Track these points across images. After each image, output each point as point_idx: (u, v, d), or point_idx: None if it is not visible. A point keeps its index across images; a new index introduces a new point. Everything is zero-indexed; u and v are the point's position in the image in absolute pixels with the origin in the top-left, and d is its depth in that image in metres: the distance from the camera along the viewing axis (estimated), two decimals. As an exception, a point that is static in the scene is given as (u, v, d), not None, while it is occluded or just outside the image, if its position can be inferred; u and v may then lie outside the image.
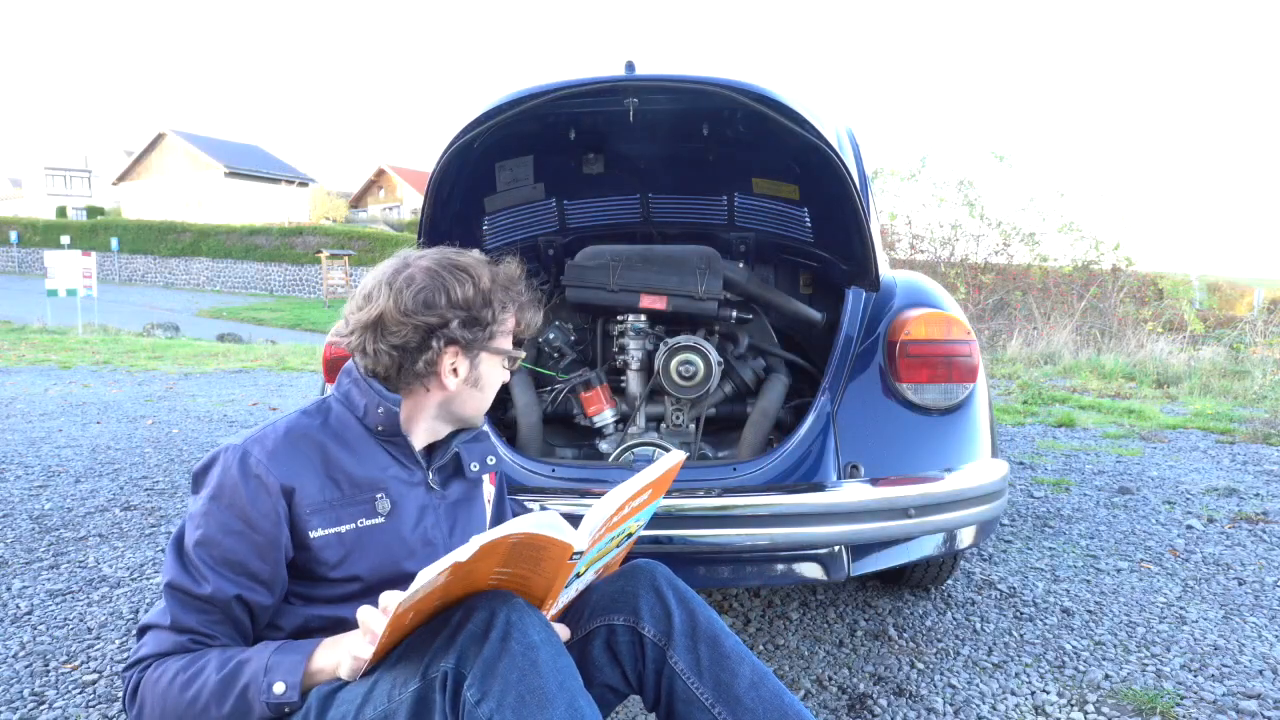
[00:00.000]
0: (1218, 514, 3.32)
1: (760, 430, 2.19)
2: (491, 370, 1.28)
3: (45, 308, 14.54)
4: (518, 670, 0.95)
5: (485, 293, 1.21)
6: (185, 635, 1.08)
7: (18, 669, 2.01)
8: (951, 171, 14.09)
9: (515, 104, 1.98)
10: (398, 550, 1.20)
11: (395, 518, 1.20)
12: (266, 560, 1.10)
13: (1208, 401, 6.15)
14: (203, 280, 32.87)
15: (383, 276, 1.20)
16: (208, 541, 1.09)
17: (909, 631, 2.21)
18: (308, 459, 1.16)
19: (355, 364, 1.24)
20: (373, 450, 1.21)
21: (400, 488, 1.23)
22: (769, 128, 2.07)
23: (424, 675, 0.97)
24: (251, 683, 1.02)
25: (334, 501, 1.16)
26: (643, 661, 1.21)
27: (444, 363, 1.22)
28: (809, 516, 1.73)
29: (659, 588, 1.23)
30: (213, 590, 1.07)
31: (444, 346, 1.20)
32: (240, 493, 1.10)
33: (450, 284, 1.19)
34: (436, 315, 1.18)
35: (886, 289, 2.18)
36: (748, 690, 1.16)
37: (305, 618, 1.16)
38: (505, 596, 1.03)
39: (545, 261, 2.81)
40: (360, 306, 1.20)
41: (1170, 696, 1.86)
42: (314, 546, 1.13)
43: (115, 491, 3.66)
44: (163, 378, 7.86)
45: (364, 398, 1.21)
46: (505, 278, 1.26)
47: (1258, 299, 14.25)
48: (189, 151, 43.78)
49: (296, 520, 1.13)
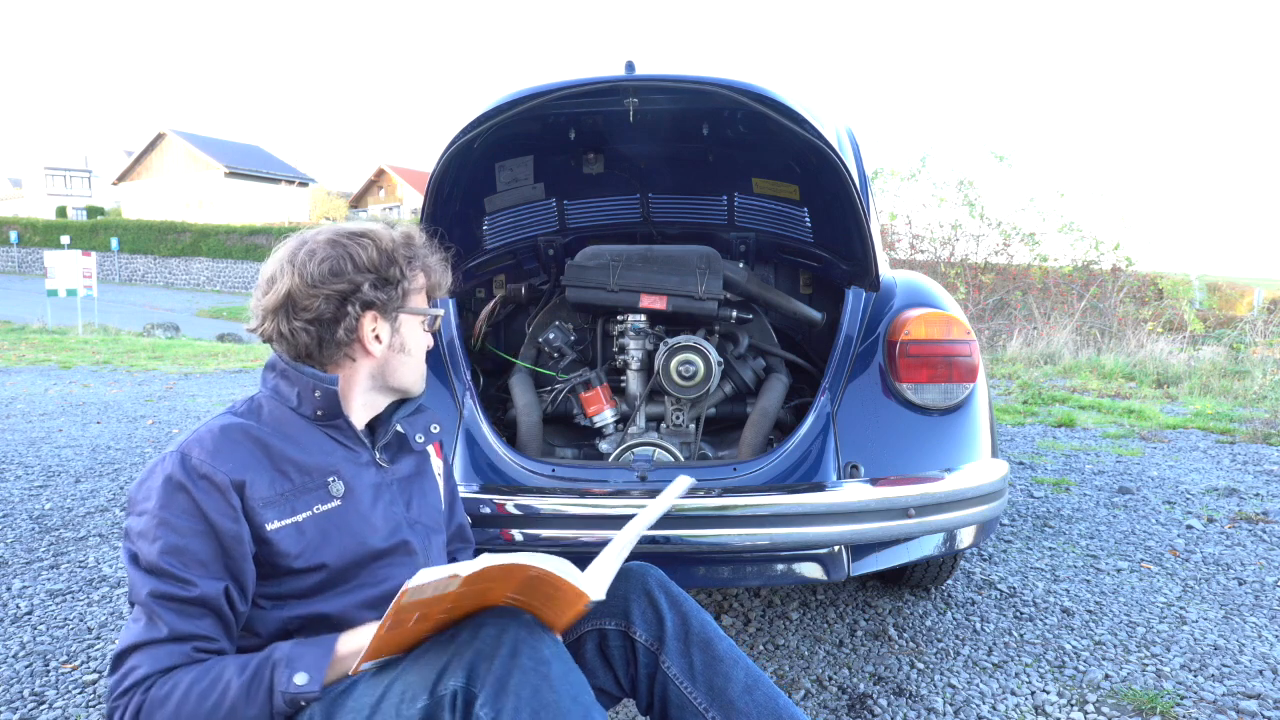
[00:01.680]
0: (1218, 514, 3.32)
1: (760, 430, 2.19)
2: (413, 333, 1.27)
3: (45, 308, 14.53)
4: (530, 686, 0.94)
5: (389, 253, 1.21)
6: (188, 644, 1.03)
7: (18, 669, 2.01)
8: (951, 171, 14.11)
9: (515, 104, 1.98)
10: (361, 529, 1.18)
11: (351, 498, 1.18)
12: (234, 555, 1.07)
13: (1208, 401, 6.15)
14: (203, 280, 32.87)
15: (283, 257, 1.20)
16: (175, 549, 1.04)
17: (909, 631, 2.21)
18: (251, 454, 1.12)
19: (277, 354, 1.22)
20: (315, 437, 1.19)
21: (351, 469, 1.21)
22: (769, 128, 2.07)
23: (432, 693, 0.95)
24: (275, 677, 1.00)
25: (286, 492, 1.13)
26: (635, 666, 1.20)
27: (364, 328, 1.21)
28: (809, 516, 1.73)
29: (650, 591, 1.22)
30: (203, 590, 1.04)
31: (361, 311, 1.19)
32: (191, 495, 1.06)
33: (353, 249, 1.19)
34: (346, 281, 1.17)
35: (886, 289, 2.18)
36: (741, 694, 1.15)
37: (282, 620, 1.13)
38: (514, 613, 1.02)
39: (545, 261, 2.81)
40: (265, 291, 1.19)
41: (1170, 696, 1.86)
42: (273, 539, 1.10)
43: (115, 491, 3.66)
44: (163, 378, 7.86)
45: (295, 385, 1.19)
46: (404, 237, 1.26)
47: (1258, 299, 14.26)
48: (189, 151, 43.77)
49: (251, 515, 1.09)
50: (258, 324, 1.20)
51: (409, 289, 1.24)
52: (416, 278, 1.26)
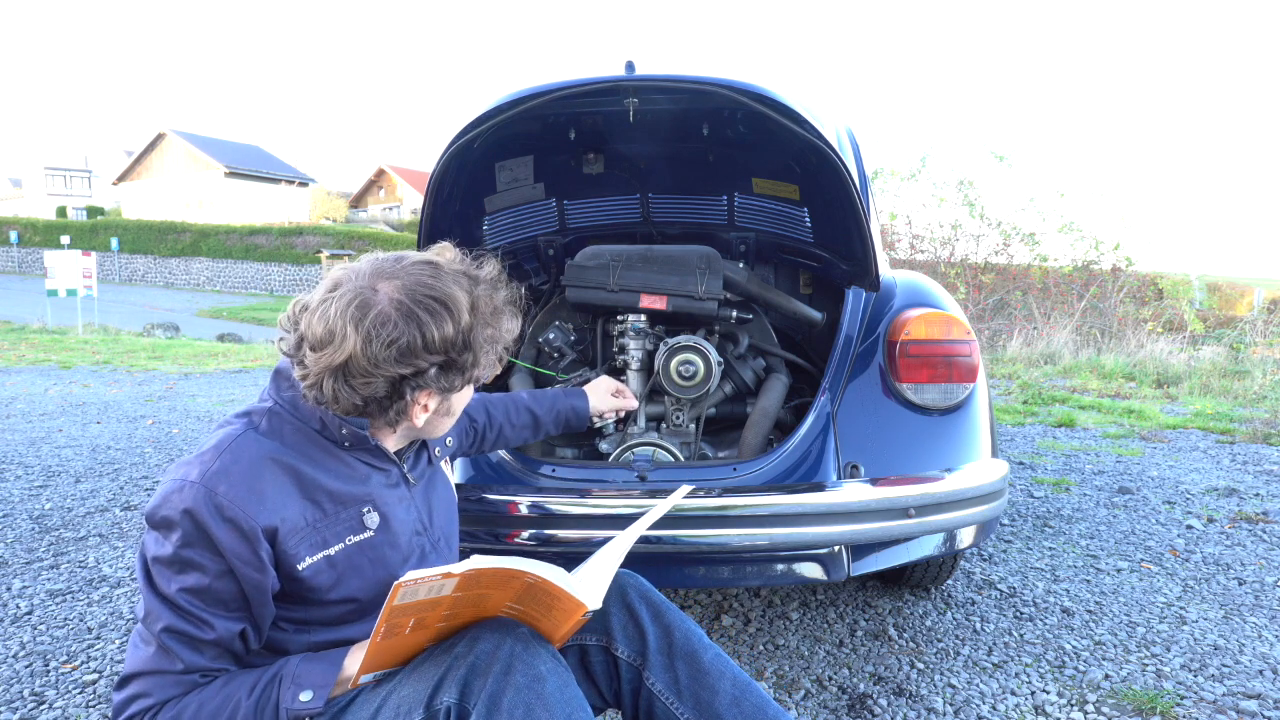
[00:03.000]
0: (1218, 514, 3.32)
1: (760, 430, 2.19)
2: (463, 397, 1.16)
3: (45, 308, 14.52)
4: (523, 705, 0.93)
5: (466, 332, 1.05)
6: (196, 674, 1.02)
7: (18, 669, 2.01)
8: (951, 171, 14.11)
9: (515, 104, 1.98)
10: (392, 560, 1.14)
11: (386, 529, 1.14)
12: (254, 600, 1.03)
13: (1208, 401, 6.15)
14: (203, 280, 32.88)
15: (349, 315, 1.00)
16: (198, 589, 1.00)
17: (909, 631, 2.21)
18: (282, 487, 1.05)
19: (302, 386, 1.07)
20: (346, 462, 1.12)
21: (385, 494, 1.15)
22: (769, 128, 2.07)
23: (428, 706, 0.95)
24: (281, 695, 1.00)
25: (317, 522, 1.07)
26: (618, 682, 1.17)
27: (415, 408, 1.09)
28: (809, 516, 1.73)
29: (631, 604, 1.19)
30: (219, 633, 1.01)
31: (416, 394, 1.07)
32: (216, 537, 0.99)
33: (426, 326, 1.02)
34: (410, 366, 1.02)
35: (886, 289, 2.18)
36: (729, 707, 1.13)
37: (306, 645, 1.11)
38: (511, 626, 1.01)
39: (545, 261, 2.81)
40: (322, 346, 1.01)
41: (1170, 696, 1.86)
42: (303, 576, 1.05)
43: (115, 491, 3.66)
44: (163, 378, 7.86)
45: (318, 412, 1.08)
46: (487, 307, 1.09)
47: (1258, 299, 14.26)
48: (189, 151, 43.78)
49: (282, 557, 1.04)
50: (307, 382, 1.04)
51: (477, 375, 1.11)
52: (488, 356, 1.11)
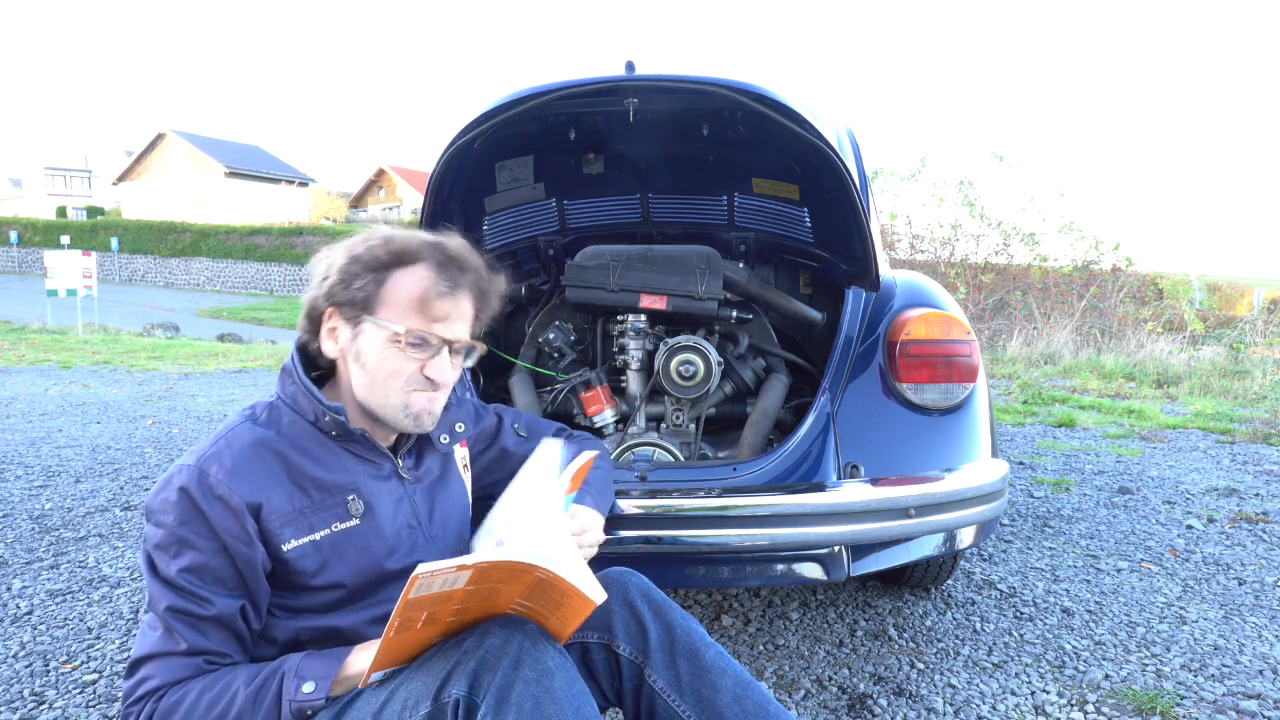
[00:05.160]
0: (1218, 514, 3.32)
1: (760, 430, 2.19)
2: (371, 345, 1.14)
3: (45, 308, 14.53)
4: (532, 698, 0.93)
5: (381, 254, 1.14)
6: (200, 657, 1.05)
7: (18, 669, 2.01)
8: (951, 171, 14.10)
9: (515, 104, 1.98)
10: (377, 550, 1.17)
11: (371, 518, 1.17)
12: (248, 576, 1.08)
13: (1208, 401, 6.15)
14: (203, 280, 32.88)
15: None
16: (195, 567, 1.05)
17: (909, 631, 2.21)
18: (270, 470, 1.11)
19: (294, 363, 1.19)
20: (335, 454, 1.17)
21: (371, 485, 1.18)
22: (769, 128, 2.07)
23: (436, 699, 0.95)
24: (284, 687, 1.01)
25: (304, 509, 1.12)
26: (620, 679, 1.17)
27: (324, 330, 1.17)
28: (809, 517, 1.73)
29: (632, 601, 1.19)
30: (220, 609, 1.06)
31: (327, 304, 1.16)
32: (207, 515, 1.06)
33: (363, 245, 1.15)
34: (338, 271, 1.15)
35: (886, 289, 2.18)
36: (731, 705, 1.13)
37: (295, 630, 1.14)
38: (519, 623, 1.02)
39: (545, 261, 2.81)
40: None
41: (1170, 696, 1.86)
42: (289, 558, 1.10)
43: (115, 491, 3.66)
44: (163, 378, 7.86)
45: (309, 403, 1.16)
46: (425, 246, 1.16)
47: (1258, 299, 14.26)
48: (189, 151, 43.78)
49: (268, 535, 1.09)
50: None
51: (381, 295, 1.13)
52: (398, 286, 1.13)
